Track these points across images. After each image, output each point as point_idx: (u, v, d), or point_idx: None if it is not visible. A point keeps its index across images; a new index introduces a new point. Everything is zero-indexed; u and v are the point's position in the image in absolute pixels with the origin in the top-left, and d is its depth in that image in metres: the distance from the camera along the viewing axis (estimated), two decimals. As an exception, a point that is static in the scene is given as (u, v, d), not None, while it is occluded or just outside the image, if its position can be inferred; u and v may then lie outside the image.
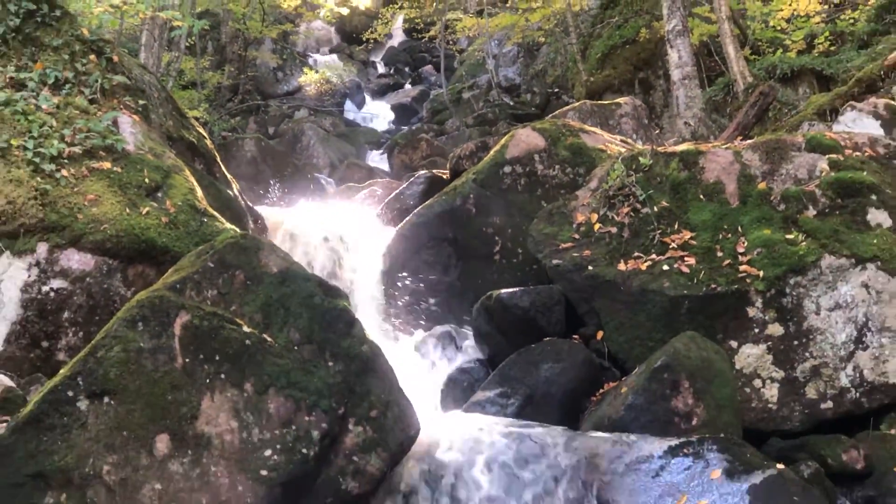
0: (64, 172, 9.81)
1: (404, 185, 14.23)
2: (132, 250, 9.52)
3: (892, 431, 8.84)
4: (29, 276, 9.37)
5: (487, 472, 7.35)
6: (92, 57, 11.07)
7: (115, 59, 11.39)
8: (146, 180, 10.09)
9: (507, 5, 26.47)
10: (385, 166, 22.02)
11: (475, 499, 7.20)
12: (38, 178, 9.68)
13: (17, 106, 10.14)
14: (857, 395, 9.01)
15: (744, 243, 9.38)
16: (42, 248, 9.42)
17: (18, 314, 9.35)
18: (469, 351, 10.04)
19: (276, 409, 6.95)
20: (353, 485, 7.05)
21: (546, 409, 8.66)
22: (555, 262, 9.82)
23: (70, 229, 9.49)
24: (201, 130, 12.74)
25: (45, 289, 9.37)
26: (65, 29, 11.23)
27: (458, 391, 9.48)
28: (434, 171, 14.47)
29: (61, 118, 10.26)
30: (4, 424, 7.32)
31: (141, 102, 11.12)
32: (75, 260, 9.42)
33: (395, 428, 7.29)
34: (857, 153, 9.98)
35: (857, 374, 9.00)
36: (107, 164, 10.04)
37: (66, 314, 9.35)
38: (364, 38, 32.54)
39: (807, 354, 9.05)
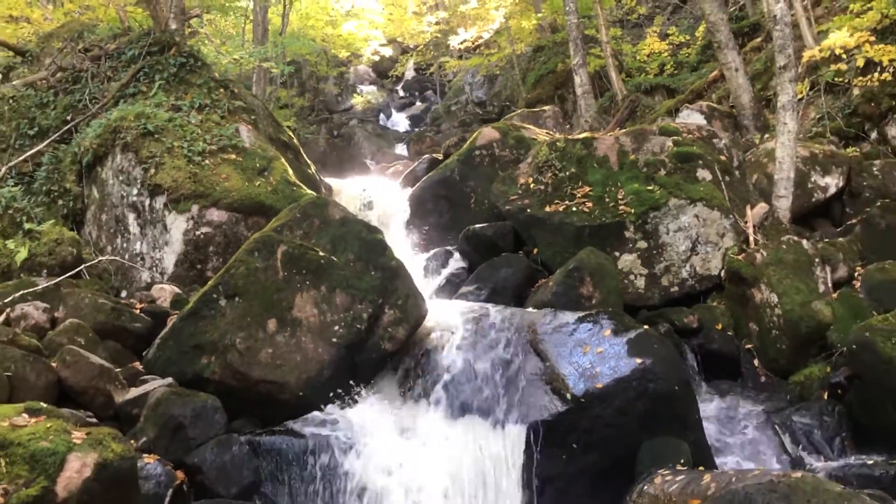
0: (206, 161, 9.76)
1: (415, 164, 14.13)
2: (250, 208, 9.49)
3: (714, 304, 8.87)
4: (187, 226, 9.36)
5: (470, 328, 7.36)
6: (221, 90, 10.98)
7: (236, 90, 11.30)
8: (257, 165, 10.04)
9: (476, 52, 26.27)
10: (405, 153, 21.86)
11: (463, 342, 7.20)
12: (191, 166, 9.64)
13: (176, 121, 10.07)
14: (693, 282, 9.03)
15: (622, 192, 9.34)
16: (195, 208, 9.39)
17: (182, 249, 9.35)
18: (456, 263, 10.03)
19: (340, 302, 6.98)
20: (388, 346, 7.10)
21: (504, 296, 8.66)
22: (507, 207, 9.79)
23: (211, 196, 9.45)
24: (290, 134, 12.65)
25: (197, 233, 9.36)
26: (204, 73, 11.13)
27: (450, 287, 9.49)
28: (433, 155, 14.37)
29: (203, 128, 10.19)
30: (176, 315, 7.36)
31: (252, 117, 11.05)
32: (215, 215, 9.39)
33: (413, 310, 7.31)
34: (690, 135, 9.93)
35: (693, 270, 9.02)
36: (233, 156, 9.99)
37: (210, 248, 9.34)
38: (390, 74, 32.30)
39: (661, 259, 9.04)
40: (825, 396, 7.41)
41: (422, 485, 6.20)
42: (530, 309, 8.10)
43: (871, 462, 6.45)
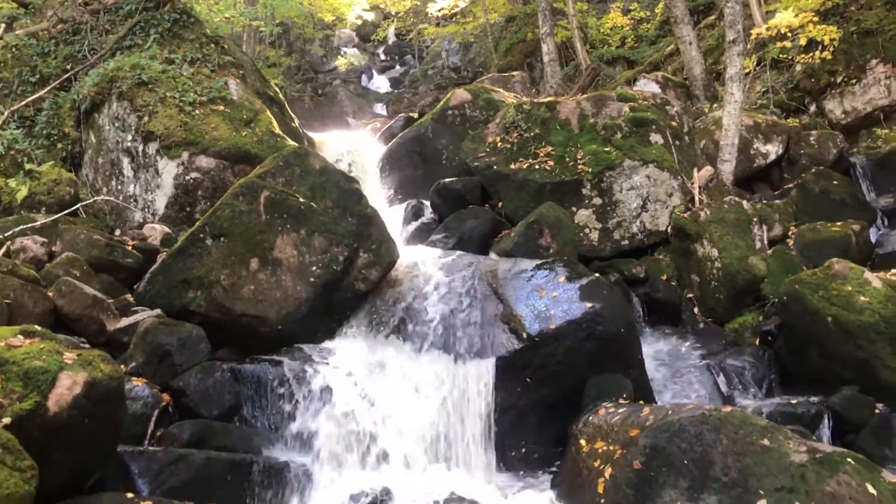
0: (196, 112, 9.62)
1: (392, 122, 14.01)
2: (237, 156, 9.38)
3: (660, 257, 8.93)
4: (178, 171, 9.24)
5: (437, 272, 7.37)
6: (212, 46, 10.80)
7: (226, 47, 11.13)
8: (244, 116, 9.91)
9: (453, 20, 25.92)
10: (384, 112, 21.66)
11: (430, 285, 7.22)
12: (182, 115, 9.49)
13: (169, 73, 9.91)
14: (642, 237, 9.08)
15: (581, 153, 9.33)
16: (185, 155, 9.26)
17: (172, 192, 9.25)
18: (427, 214, 10.01)
19: (318, 244, 6.94)
20: (362, 286, 7.07)
21: (470, 244, 8.65)
22: (475, 164, 9.75)
23: (201, 144, 9.32)
24: (276, 90, 12.49)
25: (187, 178, 9.24)
26: (196, 29, 10.94)
27: (421, 235, 9.45)
28: (409, 113, 14.24)
29: (194, 80, 10.03)
30: (166, 252, 7.30)
31: (241, 72, 10.88)
32: (204, 162, 9.28)
33: (385, 255, 7.27)
34: (645, 102, 9.91)
35: (642, 225, 9.06)
36: (221, 108, 9.85)
37: (199, 192, 9.24)
38: (372, 39, 31.76)
39: (615, 215, 9.08)
40: (757, 342, 7.53)
41: (390, 412, 6.24)
42: (493, 256, 8.13)
43: (794, 402, 6.58)
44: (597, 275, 7.06)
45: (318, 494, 5.46)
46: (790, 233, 8.87)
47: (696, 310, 8.31)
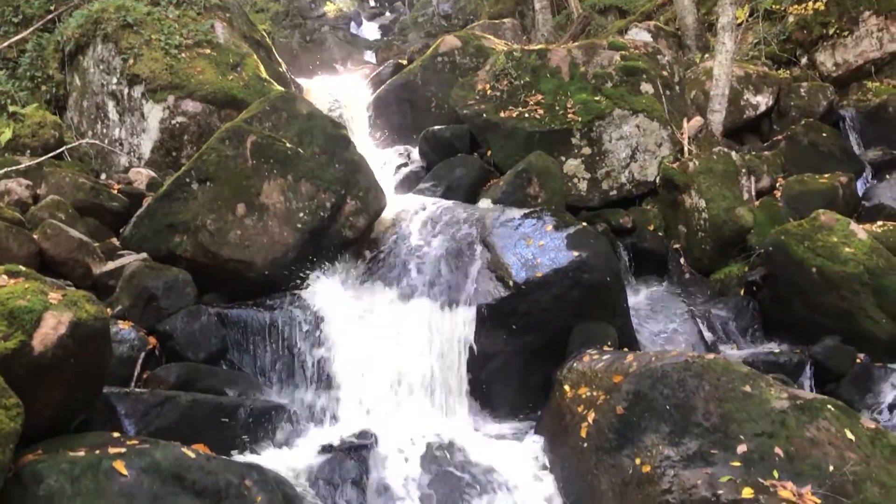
0: (182, 55, 9.45)
1: (381, 68, 13.81)
2: (223, 100, 9.24)
3: (648, 207, 8.94)
4: (163, 115, 9.11)
5: (425, 220, 7.34)
6: (199, -13, 10.62)
7: (213, -11, 10.93)
8: (230, 60, 9.75)
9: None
10: (373, 60, 21.40)
11: (418, 233, 7.20)
12: (168, 58, 9.32)
13: (155, 15, 9.71)
14: (630, 187, 9.08)
15: (571, 102, 9.26)
16: (171, 98, 9.12)
17: (158, 136, 9.13)
18: (415, 161, 9.94)
19: (305, 190, 6.88)
20: (349, 233, 7.04)
21: (458, 193, 8.62)
22: (465, 111, 9.67)
23: (186, 88, 9.17)
24: (263, 34, 12.29)
25: (173, 122, 9.12)
26: (182, -30, 10.73)
27: (409, 183, 9.40)
28: (398, 60, 14.05)
29: (180, 23, 9.83)
30: (152, 196, 7.24)
31: (227, 15, 10.66)
32: (190, 106, 9.13)
33: (373, 202, 7.22)
34: (636, 51, 9.83)
35: (631, 175, 9.05)
36: (207, 51, 9.68)
37: (185, 136, 9.12)
38: (361, -15, 31.32)
39: (603, 164, 9.05)
40: (742, 293, 7.59)
41: (377, 359, 6.27)
42: (481, 205, 8.10)
43: (777, 350, 6.67)
44: (584, 224, 7.06)
45: (305, 437, 5.50)
46: (778, 184, 8.88)
47: (682, 260, 8.34)
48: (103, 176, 8.95)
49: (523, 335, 6.36)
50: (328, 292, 6.75)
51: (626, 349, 6.02)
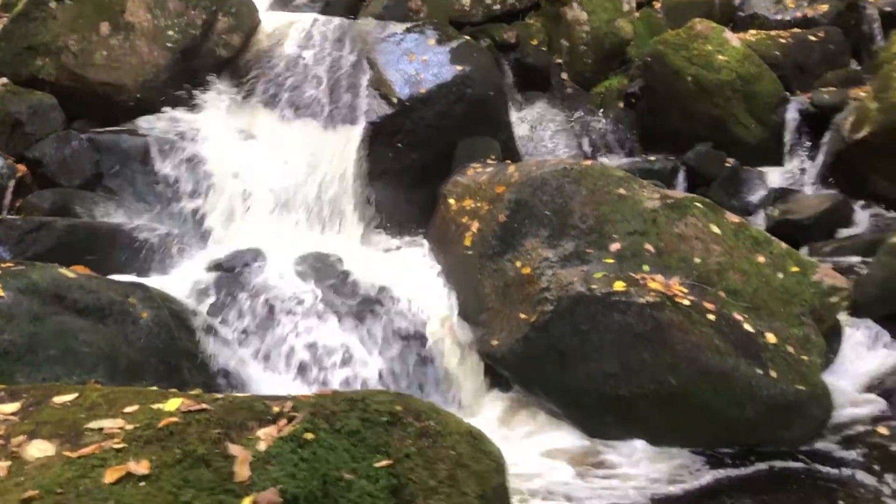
0: None
1: None
2: None
3: (531, 21, 8.78)
4: None
5: (303, 37, 6.98)
6: None
7: None
8: None
9: None
10: None
11: (297, 50, 6.87)
12: None
13: None
14: (514, 1, 8.76)
15: None
16: None
17: None
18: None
19: (174, 7, 6.53)
20: (223, 52, 6.73)
21: (337, 8, 8.10)
22: None
23: None
24: None
25: None
26: None
27: None
28: None
29: None
30: (7, 17, 6.71)
31: None
32: None
33: (246, 18, 6.89)
34: None
35: None
36: None
37: None
38: None
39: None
40: (621, 105, 7.74)
41: (261, 180, 6.18)
42: (362, 21, 7.82)
43: (652, 158, 6.93)
44: (467, 38, 6.97)
45: (190, 260, 5.45)
46: (658, -5, 8.89)
47: (564, 75, 8.36)
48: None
49: (409, 152, 6.35)
50: (206, 115, 6.52)
51: (508, 161, 6.11)
